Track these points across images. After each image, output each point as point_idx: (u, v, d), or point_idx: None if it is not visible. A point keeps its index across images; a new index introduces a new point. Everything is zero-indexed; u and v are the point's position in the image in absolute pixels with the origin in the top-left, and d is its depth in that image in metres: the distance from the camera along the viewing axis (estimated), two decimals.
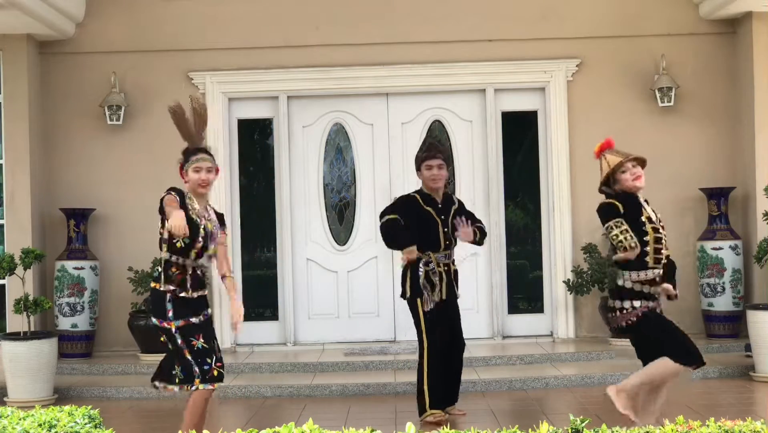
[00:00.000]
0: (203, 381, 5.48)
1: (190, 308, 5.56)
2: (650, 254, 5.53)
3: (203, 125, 5.75)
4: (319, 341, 10.36)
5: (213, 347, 5.57)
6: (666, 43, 10.27)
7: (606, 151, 5.72)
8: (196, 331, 5.52)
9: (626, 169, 5.61)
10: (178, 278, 5.54)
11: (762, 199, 9.22)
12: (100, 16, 10.33)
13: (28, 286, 8.88)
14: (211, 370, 5.51)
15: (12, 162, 9.89)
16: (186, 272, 5.57)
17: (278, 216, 10.45)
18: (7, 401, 8.29)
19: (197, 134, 5.74)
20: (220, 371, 5.54)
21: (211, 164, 5.66)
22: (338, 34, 10.34)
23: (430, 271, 7.06)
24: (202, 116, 5.73)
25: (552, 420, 6.83)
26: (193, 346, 5.49)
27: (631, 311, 5.54)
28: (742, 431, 3.26)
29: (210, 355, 5.52)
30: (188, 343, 5.50)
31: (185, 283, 5.56)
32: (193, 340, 5.50)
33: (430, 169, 7.14)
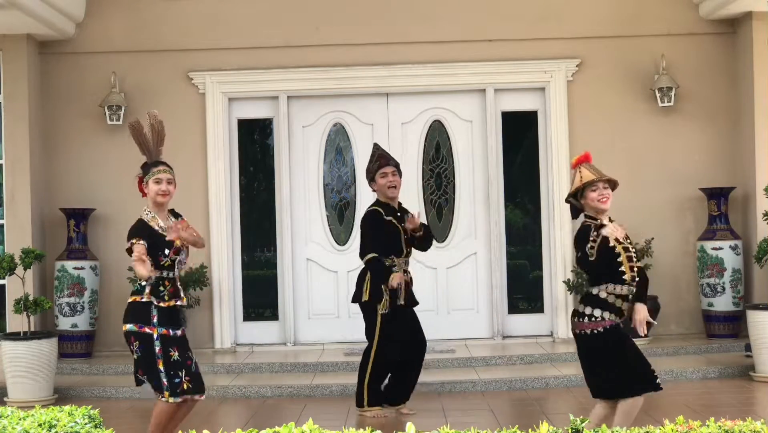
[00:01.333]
0: (172, 394, 5.63)
1: (172, 320, 5.74)
2: (627, 272, 5.53)
3: (161, 141, 5.97)
4: (319, 341, 10.35)
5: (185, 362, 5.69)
6: (666, 43, 10.27)
7: (583, 164, 5.73)
8: (174, 343, 5.69)
9: (596, 188, 5.61)
10: (171, 291, 5.75)
11: (762, 199, 9.23)
12: (100, 16, 10.33)
13: (28, 286, 8.88)
14: (181, 384, 5.65)
15: (12, 162, 9.89)
16: (175, 282, 5.79)
17: (278, 216, 10.45)
18: (7, 401, 8.29)
19: (155, 149, 5.96)
20: (189, 385, 5.65)
21: (171, 176, 5.87)
22: (338, 34, 10.34)
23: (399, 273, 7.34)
24: (159, 133, 5.97)
25: (552, 420, 6.83)
26: (170, 357, 5.65)
27: (599, 321, 5.54)
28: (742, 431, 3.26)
29: (181, 369, 5.66)
30: (166, 353, 5.65)
31: (178, 293, 5.79)
32: (170, 351, 5.67)
33: (385, 177, 7.42)
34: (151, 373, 5.63)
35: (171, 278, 5.76)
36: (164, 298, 5.72)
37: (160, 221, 5.78)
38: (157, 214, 5.81)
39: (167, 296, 5.73)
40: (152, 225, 5.76)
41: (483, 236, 10.45)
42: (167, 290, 5.73)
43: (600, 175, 5.65)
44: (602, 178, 5.63)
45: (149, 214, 5.80)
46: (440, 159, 10.57)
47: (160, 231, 5.72)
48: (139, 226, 5.77)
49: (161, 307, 5.70)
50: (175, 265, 5.76)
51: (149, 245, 5.65)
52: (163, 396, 5.62)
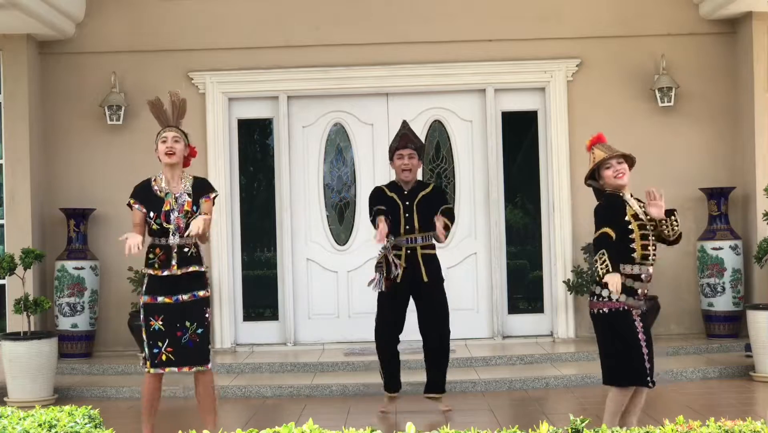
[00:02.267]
0: (152, 365, 5.59)
1: (163, 288, 5.63)
2: (637, 251, 5.56)
3: (182, 114, 5.94)
4: (319, 341, 10.36)
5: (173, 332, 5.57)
6: (666, 43, 10.27)
7: (596, 145, 5.78)
8: (157, 312, 5.60)
9: (610, 166, 5.67)
10: (162, 258, 5.65)
11: (762, 199, 9.23)
12: (100, 16, 10.33)
13: (28, 286, 8.88)
14: (160, 354, 5.57)
15: (12, 162, 9.89)
16: (170, 250, 5.66)
17: (278, 216, 10.46)
18: (7, 401, 8.29)
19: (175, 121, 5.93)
20: (169, 356, 5.55)
21: (177, 135, 5.82)
22: (338, 34, 10.34)
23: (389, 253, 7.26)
24: (180, 107, 5.94)
25: (552, 420, 6.83)
26: (150, 326, 5.59)
27: (606, 301, 5.55)
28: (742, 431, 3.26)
29: (163, 339, 5.57)
30: (147, 322, 5.62)
31: (169, 261, 5.65)
32: (151, 320, 5.61)
33: (401, 159, 7.40)
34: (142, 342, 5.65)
35: (163, 245, 5.67)
36: (154, 266, 5.66)
37: (163, 182, 5.73)
38: (168, 177, 5.76)
39: (157, 264, 5.66)
40: (153, 185, 5.75)
41: (483, 236, 10.45)
42: (158, 258, 5.66)
43: (612, 152, 5.68)
44: (613, 155, 5.66)
45: (159, 176, 5.79)
46: (440, 159, 10.57)
47: (158, 193, 5.69)
48: (141, 185, 5.81)
49: (151, 274, 5.66)
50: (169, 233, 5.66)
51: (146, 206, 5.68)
52: (145, 366, 5.61)
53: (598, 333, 5.70)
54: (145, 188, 5.75)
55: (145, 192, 5.72)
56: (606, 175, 5.69)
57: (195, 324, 5.64)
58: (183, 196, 5.71)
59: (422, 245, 7.36)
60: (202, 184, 5.86)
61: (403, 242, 7.32)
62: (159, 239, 5.70)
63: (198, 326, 5.64)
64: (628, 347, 5.55)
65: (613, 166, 5.67)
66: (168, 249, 5.66)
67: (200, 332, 5.65)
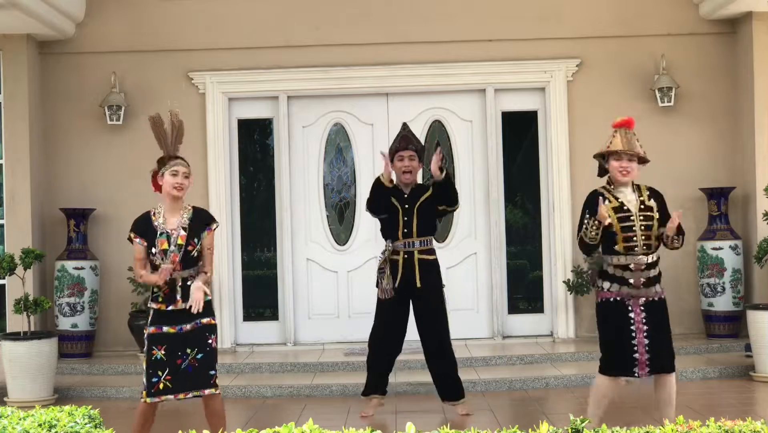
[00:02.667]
0: (149, 394, 5.55)
1: (170, 319, 5.60)
2: (619, 243, 5.62)
3: (179, 139, 5.85)
4: (319, 341, 10.36)
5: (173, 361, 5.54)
6: (666, 43, 10.27)
7: (620, 129, 5.81)
8: (161, 341, 5.56)
9: (620, 159, 5.68)
10: (165, 293, 5.61)
11: (762, 199, 9.23)
12: (100, 16, 10.33)
13: (28, 286, 8.88)
14: (158, 383, 5.54)
15: (12, 162, 9.89)
16: (174, 285, 5.61)
17: (278, 216, 10.46)
18: (7, 401, 8.29)
19: (173, 145, 5.83)
20: (167, 384, 5.53)
21: (187, 170, 5.74)
22: (338, 34, 10.34)
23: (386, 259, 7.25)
24: (179, 130, 5.84)
25: (552, 420, 6.83)
26: (153, 355, 5.55)
27: (600, 291, 5.68)
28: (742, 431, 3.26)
29: (163, 368, 5.53)
30: (149, 351, 5.57)
31: (173, 297, 5.61)
32: (154, 349, 5.56)
33: (402, 160, 7.34)
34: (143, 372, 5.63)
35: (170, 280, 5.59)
36: (158, 300, 5.62)
37: (164, 216, 5.66)
38: (167, 209, 5.68)
39: (161, 298, 5.61)
40: (153, 220, 5.65)
41: (483, 236, 10.45)
42: (161, 292, 5.61)
43: (628, 147, 5.68)
44: (627, 151, 5.66)
45: (159, 209, 5.69)
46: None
47: (159, 227, 5.62)
48: (140, 218, 5.71)
49: (154, 309, 5.63)
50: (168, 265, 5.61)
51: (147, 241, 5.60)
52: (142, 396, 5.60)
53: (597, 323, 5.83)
54: (146, 222, 5.67)
55: (146, 226, 5.65)
56: (612, 165, 5.74)
57: (195, 350, 5.58)
58: (178, 231, 5.65)
59: (420, 249, 7.28)
60: (202, 215, 5.76)
61: (401, 246, 7.25)
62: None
63: (198, 352, 5.58)
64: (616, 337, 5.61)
65: (622, 160, 5.69)
66: (172, 283, 5.60)
67: (200, 357, 5.58)
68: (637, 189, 5.79)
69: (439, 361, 7.36)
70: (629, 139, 5.74)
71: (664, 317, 5.75)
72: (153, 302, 5.66)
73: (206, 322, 5.64)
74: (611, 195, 5.74)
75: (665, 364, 5.66)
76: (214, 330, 5.67)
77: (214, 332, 5.68)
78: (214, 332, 5.67)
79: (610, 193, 5.75)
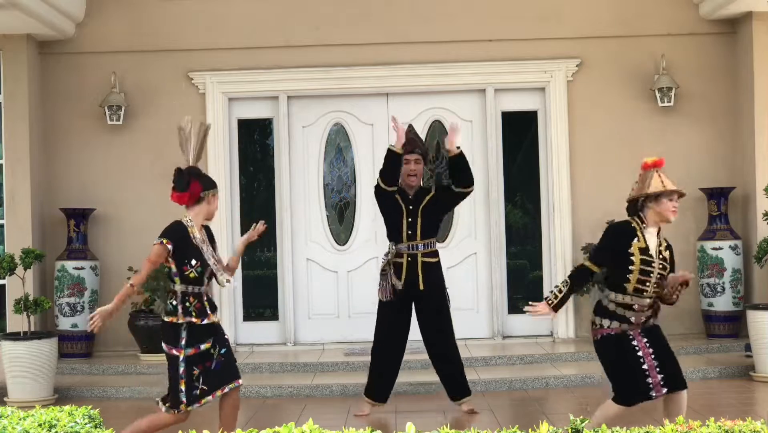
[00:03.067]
0: (188, 403, 5.54)
1: (204, 335, 5.59)
2: (631, 282, 5.53)
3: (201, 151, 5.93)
4: (319, 341, 10.36)
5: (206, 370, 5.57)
6: (666, 43, 10.27)
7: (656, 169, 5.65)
8: (201, 360, 5.56)
9: (672, 199, 5.55)
10: (197, 307, 5.58)
11: (762, 199, 9.23)
12: (100, 16, 10.33)
13: (28, 286, 8.88)
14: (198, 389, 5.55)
15: (12, 162, 9.89)
16: (203, 299, 5.62)
17: (278, 216, 10.46)
18: (7, 401, 8.29)
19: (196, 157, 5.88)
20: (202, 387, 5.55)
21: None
22: (338, 34, 10.34)
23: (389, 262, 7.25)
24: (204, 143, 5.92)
25: (552, 420, 6.83)
26: (193, 375, 5.54)
27: (599, 328, 5.59)
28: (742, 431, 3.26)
29: (199, 379, 5.56)
30: (189, 372, 5.53)
31: (204, 310, 5.60)
32: (194, 369, 5.54)
33: (408, 164, 7.32)
34: (174, 390, 5.55)
35: (197, 293, 5.59)
36: (192, 314, 5.56)
37: (196, 231, 5.64)
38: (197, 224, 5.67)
39: (195, 313, 5.56)
40: (190, 232, 5.62)
41: (483, 236, 10.45)
42: (194, 306, 5.57)
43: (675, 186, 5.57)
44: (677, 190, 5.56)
45: (190, 222, 5.65)
46: (440, 159, 10.57)
47: (194, 240, 5.59)
48: (176, 227, 5.61)
49: (192, 323, 5.55)
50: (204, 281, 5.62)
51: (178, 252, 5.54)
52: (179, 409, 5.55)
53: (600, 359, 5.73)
54: (183, 233, 5.61)
55: (184, 237, 5.59)
56: (664, 207, 5.51)
57: (217, 347, 5.65)
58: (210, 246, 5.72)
59: (423, 252, 7.28)
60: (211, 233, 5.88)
61: (404, 248, 7.25)
62: (192, 286, 5.60)
63: (221, 348, 5.66)
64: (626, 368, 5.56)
65: (674, 200, 5.56)
66: (200, 297, 5.61)
67: (223, 351, 5.67)
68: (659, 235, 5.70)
69: (444, 363, 7.38)
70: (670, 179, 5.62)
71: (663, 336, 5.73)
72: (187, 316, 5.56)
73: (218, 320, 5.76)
74: (641, 235, 5.60)
75: (679, 380, 5.62)
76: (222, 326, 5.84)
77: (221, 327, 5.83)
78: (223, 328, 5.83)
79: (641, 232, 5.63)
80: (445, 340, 7.34)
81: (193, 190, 5.70)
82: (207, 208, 5.71)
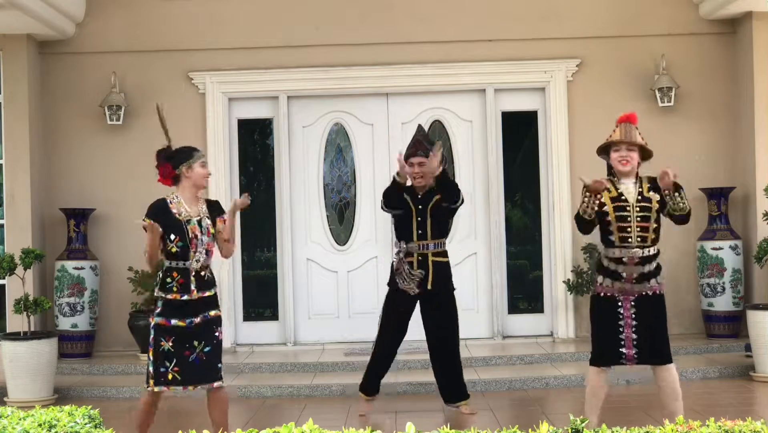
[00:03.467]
0: (157, 383, 5.57)
1: (179, 312, 5.60)
2: (614, 233, 5.67)
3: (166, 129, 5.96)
4: (319, 341, 10.36)
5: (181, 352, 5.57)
6: (666, 43, 10.27)
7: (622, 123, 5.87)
8: (169, 333, 5.58)
9: (619, 149, 5.74)
10: (180, 282, 5.59)
11: (762, 199, 9.23)
12: (100, 16, 10.33)
13: (28, 286, 8.88)
14: (166, 373, 5.56)
15: (12, 162, 9.89)
16: (188, 274, 5.61)
17: (278, 216, 10.46)
18: (7, 401, 8.29)
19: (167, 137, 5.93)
20: (176, 375, 5.56)
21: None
22: (338, 34, 10.34)
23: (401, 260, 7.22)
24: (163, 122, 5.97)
25: (552, 420, 6.83)
26: (160, 346, 5.57)
27: (597, 285, 5.81)
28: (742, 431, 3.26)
29: (171, 359, 5.56)
30: (156, 342, 5.58)
31: (188, 286, 5.60)
32: (162, 340, 5.58)
33: (412, 167, 7.30)
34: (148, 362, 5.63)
35: (181, 268, 5.60)
36: (172, 290, 5.59)
37: (184, 205, 5.69)
38: (188, 199, 5.71)
39: (176, 288, 5.58)
40: (172, 207, 5.67)
41: (483, 236, 10.45)
42: (176, 282, 5.59)
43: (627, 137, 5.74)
44: (624, 140, 5.72)
45: (175, 198, 5.71)
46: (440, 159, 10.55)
47: (177, 216, 5.63)
48: (156, 204, 5.70)
49: (166, 299, 5.59)
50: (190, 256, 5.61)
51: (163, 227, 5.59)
52: (148, 385, 5.61)
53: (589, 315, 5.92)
54: (163, 209, 5.66)
55: (163, 213, 5.63)
56: (612, 157, 5.82)
57: (203, 343, 5.62)
58: (205, 220, 5.71)
59: (434, 251, 7.25)
60: (216, 206, 5.87)
61: (415, 248, 7.22)
62: (177, 262, 5.62)
63: (206, 345, 5.62)
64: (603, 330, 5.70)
65: (621, 150, 5.74)
66: (186, 273, 5.60)
67: (207, 350, 5.62)
68: (639, 181, 5.82)
69: (445, 365, 7.33)
70: (628, 131, 5.80)
71: (657, 311, 5.73)
72: (165, 292, 5.61)
73: (214, 315, 5.68)
74: (613, 185, 5.76)
75: (655, 356, 5.67)
76: (220, 323, 5.74)
77: (221, 324, 5.74)
78: (220, 325, 5.73)
79: (612, 183, 5.77)
80: (449, 342, 7.30)
81: (165, 174, 5.78)
82: (189, 181, 5.74)
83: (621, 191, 5.75)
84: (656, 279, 5.77)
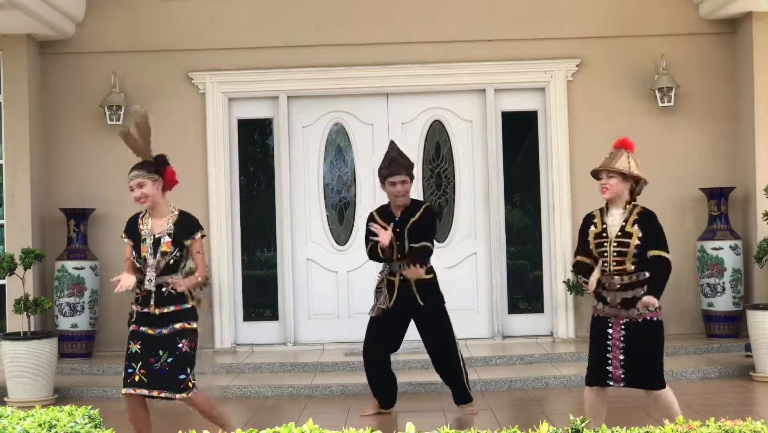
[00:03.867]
0: (124, 385, 5.69)
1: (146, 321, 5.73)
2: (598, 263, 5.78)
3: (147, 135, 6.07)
4: (319, 341, 10.36)
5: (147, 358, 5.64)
6: (666, 43, 10.27)
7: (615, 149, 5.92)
8: (138, 337, 5.71)
9: (601, 177, 5.84)
10: (143, 295, 5.75)
11: (762, 199, 9.23)
12: (100, 16, 10.33)
13: (28, 286, 8.88)
14: (133, 374, 5.66)
15: (12, 162, 9.89)
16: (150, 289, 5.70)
17: (278, 216, 10.46)
18: (7, 401, 8.29)
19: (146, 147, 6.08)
20: (142, 378, 5.63)
21: (139, 179, 5.91)
22: (338, 34, 10.34)
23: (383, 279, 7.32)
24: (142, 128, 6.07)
25: (552, 420, 6.83)
26: (129, 348, 5.72)
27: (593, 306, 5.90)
28: (742, 431, 3.26)
29: (137, 361, 5.66)
30: (127, 346, 5.74)
31: (147, 300, 5.73)
32: (131, 343, 5.72)
33: (394, 186, 7.31)
34: None
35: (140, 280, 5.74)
36: (137, 301, 5.78)
37: (149, 223, 5.79)
38: (152, 213, 5.82)
39: (139, 300, 5.77)
40: (140, 223, 5.84)
41: (483, 236, 10.45)
42: (140, 294, 5.76)
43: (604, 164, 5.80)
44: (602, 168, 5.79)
45: (145, 213, 5.86)
46: (440, 159, 10.57)
47: (140, 232, 5.77)
48: (131, 219, 5.92)
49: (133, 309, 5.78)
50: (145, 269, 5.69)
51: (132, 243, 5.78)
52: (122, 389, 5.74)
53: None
54: (133, 224, 5.86)
55: (133, 228, 5.84)
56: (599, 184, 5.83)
57: (166, 354, 5.69)
58: (164, 237, 5.71)
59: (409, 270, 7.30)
60: (187, 223, 5.80)
61: (397, 267, 7.29)
62: (139, 275, 5.78)
63: (168, 356, 5.68)
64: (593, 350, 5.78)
65: (603, 178, 5.82)
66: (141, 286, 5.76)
67: (170, 361, 5.67)
68: (629, 212, 5.81)
69: (447, 373, 7.43)
70: (612, 157, 5.84)
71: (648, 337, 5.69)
72: (134, 303, 5.81)
73: (179, 327, 5.72)
74: (600, 219, 5.81)
75: (642, 381, 5.68)
76: (187, 334, 5.71)
77: (188, 336, 5.71)
78: (187, 336, 5.71)
79: (602, 216, 5.82)
80: (446, 350, 7.40)
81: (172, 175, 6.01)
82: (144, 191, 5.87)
83: (606, 225, 5.78)
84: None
